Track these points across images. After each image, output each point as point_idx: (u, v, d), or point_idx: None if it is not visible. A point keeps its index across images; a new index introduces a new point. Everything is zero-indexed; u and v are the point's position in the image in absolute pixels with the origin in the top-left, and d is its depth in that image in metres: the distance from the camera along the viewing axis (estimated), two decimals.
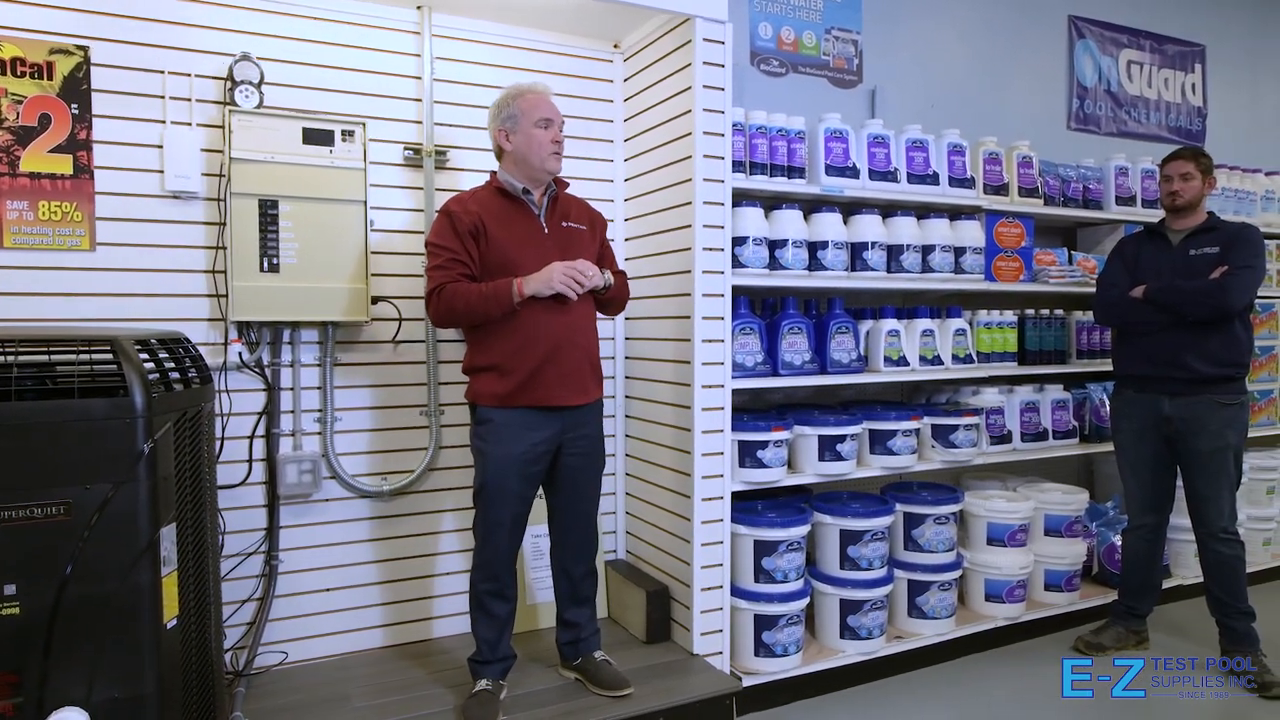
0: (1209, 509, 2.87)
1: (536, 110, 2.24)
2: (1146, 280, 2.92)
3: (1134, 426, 3.01)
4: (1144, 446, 2.99)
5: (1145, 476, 3.02)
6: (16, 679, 1.60)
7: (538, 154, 2.24)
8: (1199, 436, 2.84)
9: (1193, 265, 2.87)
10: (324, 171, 2.44)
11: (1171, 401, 2.88)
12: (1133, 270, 2.99)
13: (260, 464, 2.51)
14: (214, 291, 2.43)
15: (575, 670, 2.45)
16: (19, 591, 1.59)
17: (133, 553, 1.67)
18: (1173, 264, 2.92)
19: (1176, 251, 2.94)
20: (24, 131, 2.22)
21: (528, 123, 2.24)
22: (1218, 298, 2.75)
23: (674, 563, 2.72)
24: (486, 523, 2.24)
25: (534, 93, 2.27)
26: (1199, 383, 2.83)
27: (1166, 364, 2.87)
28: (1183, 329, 2.83)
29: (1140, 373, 2.96)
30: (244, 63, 2.39)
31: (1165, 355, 2.87)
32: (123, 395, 1.67)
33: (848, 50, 3.53)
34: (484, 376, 2.24)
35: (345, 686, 2.42)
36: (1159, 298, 2.85)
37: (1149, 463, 2.99)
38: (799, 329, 2.86)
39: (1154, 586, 3.12)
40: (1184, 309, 2.80)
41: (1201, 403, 2.84)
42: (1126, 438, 3.06)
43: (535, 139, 2.24)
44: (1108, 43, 4.26)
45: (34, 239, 2.24)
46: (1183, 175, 2.93)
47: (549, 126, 2.24)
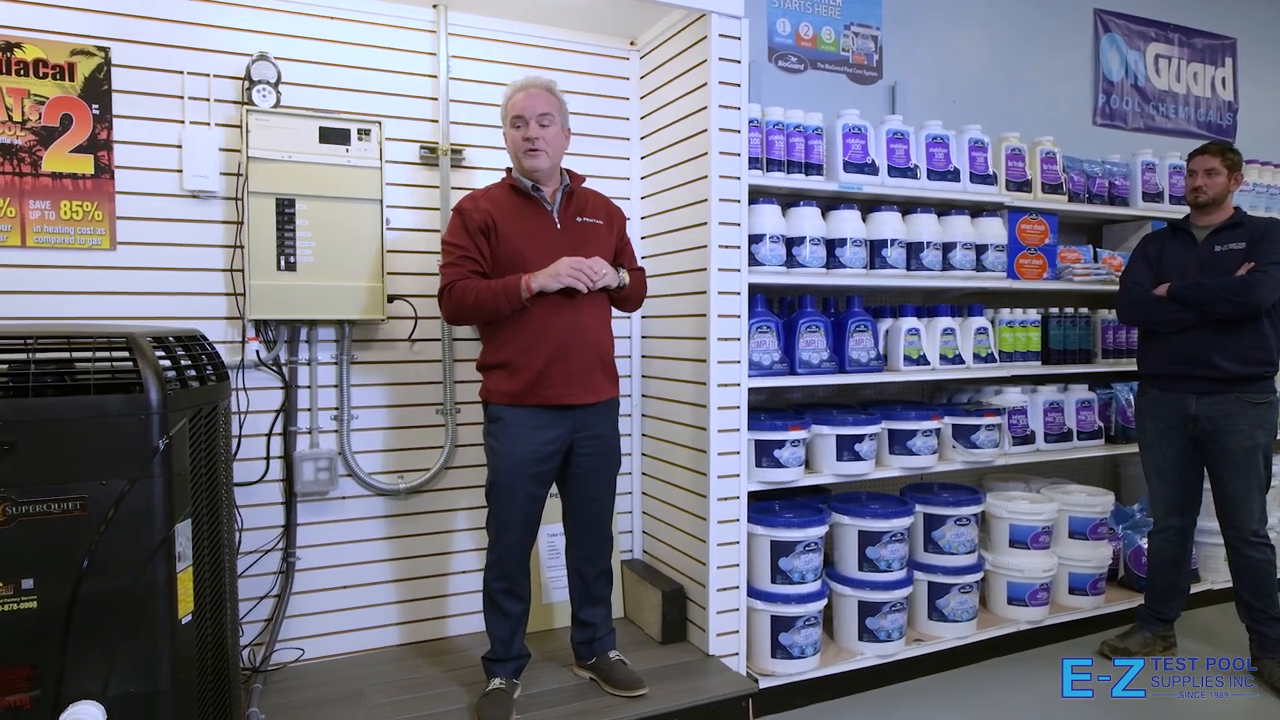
0: (1238, 512, 2.81)
1: (511, 109, 2.26)
2: (1171, 278, 2.86)
3: (1159, 426, 2.95)
4: (1170, 447, 2.93)
5: (1171, 478, 2.95)
6: (34, 673, 1.61)
7: (514, 153, 2.27)
8: (1228, 436, 2.78)
9: (1218, 262, 2.81)
10: (340, 170, 2.45)
11: (1199, 400, 2.82)
12: (1157, 268, 2.93)
13: (277, 461, 2.53)
14: (232, 290, 2.45)
15: (590, 670, 2.44)
16: (36, 586, 1.60)
17: (148, 548, 1.68)
18: (1198, 261, 2.85)
19: (1202, 248, 2.88)
20: (46, 132, 2.25)
21: (506, 123, 2.27)
22: (1245, 295, 2.69)
23: (690, 563, 2.70)
24: (497, 521, 2.24)
25: (517, 91, 2.27)
26: (1227, 381, 2.77)
27: (1193, 363, 2.81)
28: (1209, 327, 2.77)
29: (1166, 372, 2.90)
30: (261, 62, 2.40)
31: (1192, 354, 2.81)
32: (138, 392, 1.67)
33: (867, 46, 3.49)
34: (495, 374, 2.24)
35: (361, 684, 2.43)
36: (1184, 295, 2.79)
37: (1175, 464, 2.93)
38: (817, 327, 2.83)
39: (1181, 591, 3.05)
40: (1210, 307, 2.74)
41: (1229, 401, 2.77)
42: (1151, 438, 2.99)
43: (511, 139, 2.27)
44: (1135, 36, 4.18)
45: (56, 238, 2.27)
46: (1208, 170, 2.87)
47: (521, 125, 2.23)
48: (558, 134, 2.26)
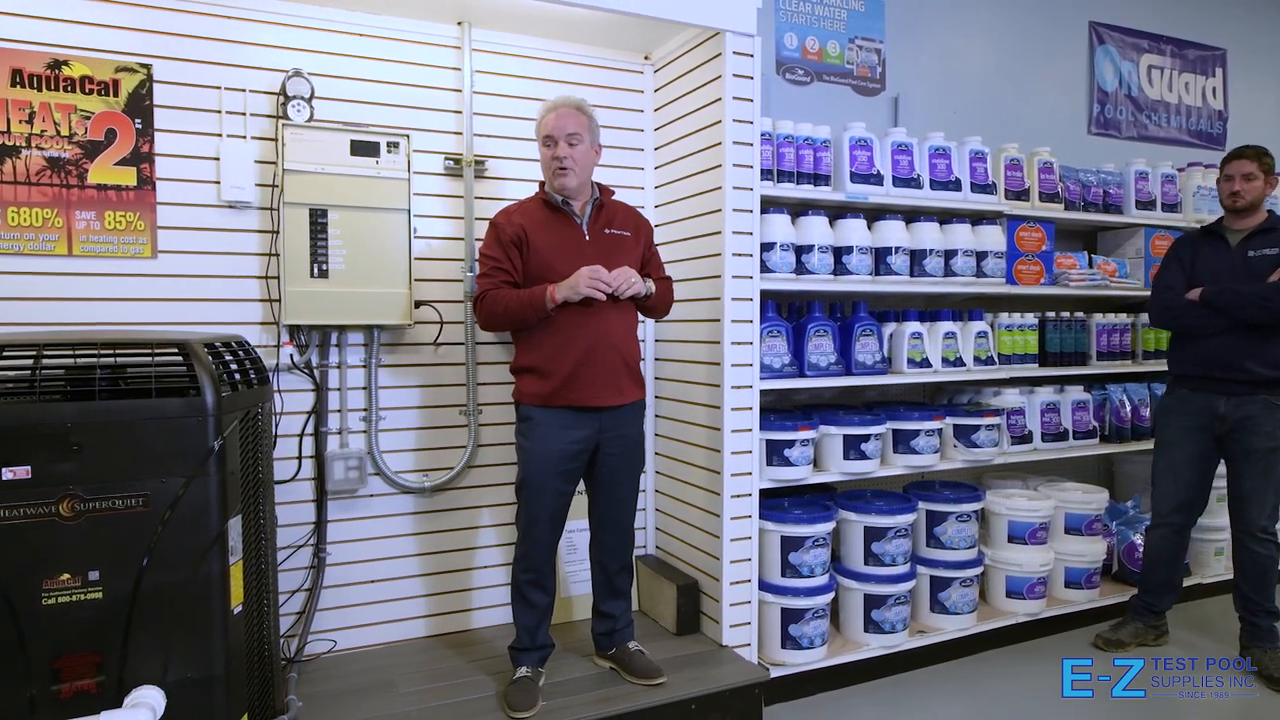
0: (1250, 506, 2.86)
1: (543, 129, 2.36)
2: (1204, 282, 2.88)
3: (1184, 424, 2.99)
4: (1191, 444, 2.97)
5: (1186, 475, 3.00)
6: (100, 659, 1.72)
7: (546, 172, 2.38)
8: (1253, 435, 2.83)
9: (1252, 267, 2.83)
10: (370, 181, 2.55)
11: (1227, 401, 2.87)
12: (1190, 272, 2.94)
13: (309, 461, 2.63)
14: (267, 296, 2.55)
15: (610, 660, 2.55)
16: (101, 577, 1.71)
17: (204, 543, 1.79)
18: (1231, 266, 2.87)
19: (1235, 253, 2.89)
20: (92, 145, 2.35)
21: (539, 141, 2.38)
22: (1275, 302, 2.72)
23: (704, 557, 2.81)
24: (527, 516, 2.35)
25: (549, 111, 2.37)
26: (1256, 384, 2.82)
27: (1224, 366, 2.84)
28: (1240, 332, 2.79)
29: (1197, 374, 2.93)
30: (296, 79, 2.50)
31: (1222, 358, 2.84)
32: (194, 395, 1.78)
33: (871, 59, 3.60)
34: (526, 377, 2.35)
35: (391, 673, 2.53)
36: (1217, 300, 2.81)
37: (1193, 461, 2.98)
38: (825, 331, 2.95)
39: (1175, 586, 3.15)
40: (1242, 312, 2.77)
41: (1257, 402, 2.82)
42: (1174, 434, 3.03)
43: (543, 157, 2.37)
44: (1128, 48, 4.31)
45: (101, 247, 2.37)
46: (1245, 175, 2.88)
47: (551, 145, 2.33)
48: (586, 152, 2.35)
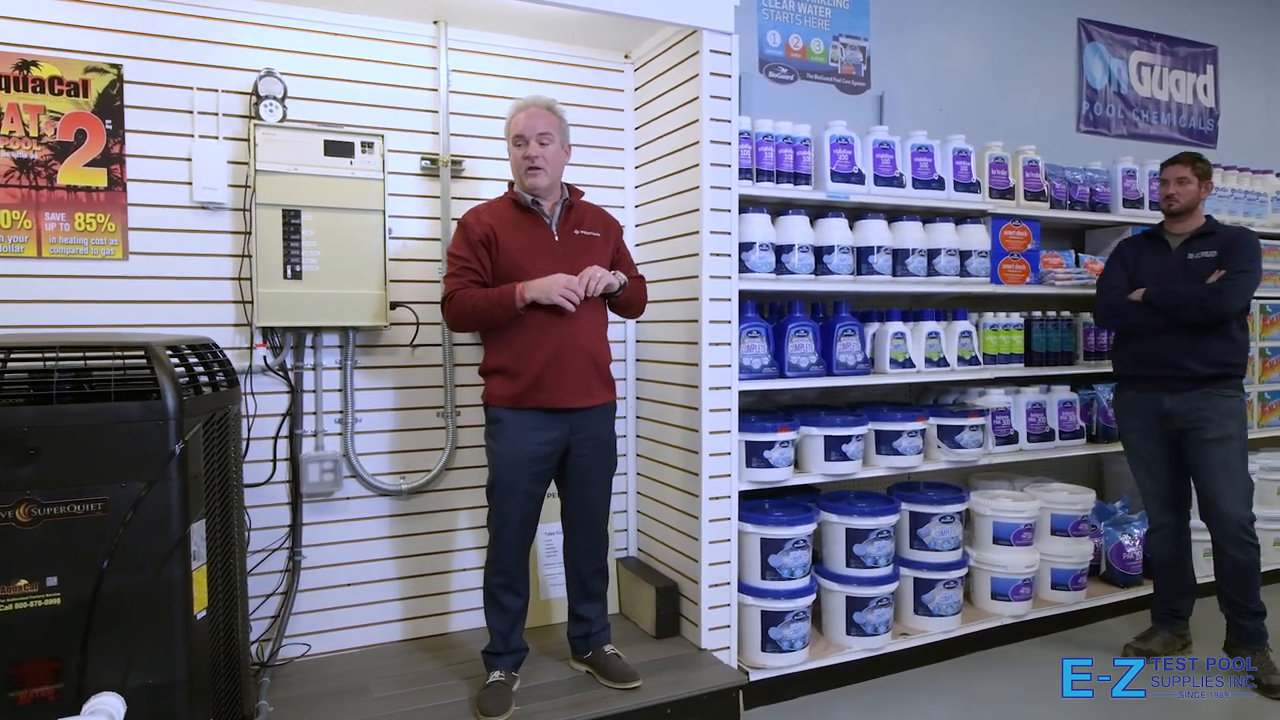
0: (1221, 501, 2.84)
1: (513, 128, 2.35)
2: (1146, 283, 2.96)
3: (1139, 425, 3.05)
4: (1152, 443, 3.02)
5: (1160, 474, 3.03)
6: (58, 665, 1.70)
7: (516, 171, 2.37)
8: (1202, 429, 2.86)
9: (1191, 269, 2.91)
10: (344, 182, 2.54)
11: (1171, 398, 2.92)
12: (1132, 273, 3.03)
13: (284, 463, 2.61)
14: (240, 298, 2.53)
15: (586, 663, 2.53)
16: (60, 583, 1.69)
17: (165, 547, 1.77)
18: (1171, 268, 2.95)
19: (1175, 255, 2.98)
20: (61, 146, 2.34)
21: (509, 141, 2.37)
22: (1213, 302, 2.79)
23: (683, 560, 2.79)
24: (498, 519, 2.33)
25: (519, 110, 2.36)
26: (1196, 380, 2.87)
27: (1162, 365, 2.91)
28: (1180, 331, 2.87)
29: (1139, 374, 3.01)
30: (268, 78, 2.49)
31: (1163, 357, 2.91)
32: (155, 398, 1.76)
33: (855, 57, 3.58)
34: (495, 378, 2.34)
35: (365, 677, 2.51)
36: (1157, 301, 2.89)
37: (1161, 460, 3.01)
38: (805, 332, 2.92)
39: (1189, 586, 3.11)
40: (1181, 313, 2.84)
41: (1199, 396, 2.87)
42: (1135, 437, 3.08)
43: (513, 156, 2.36)
44: (1118, 45, 4.28)
45: (70, 249, 2.35)
46: (1179, 179, 2.97)
47: (522, 144, 2.32)
48: (557, 151, 2.35)
